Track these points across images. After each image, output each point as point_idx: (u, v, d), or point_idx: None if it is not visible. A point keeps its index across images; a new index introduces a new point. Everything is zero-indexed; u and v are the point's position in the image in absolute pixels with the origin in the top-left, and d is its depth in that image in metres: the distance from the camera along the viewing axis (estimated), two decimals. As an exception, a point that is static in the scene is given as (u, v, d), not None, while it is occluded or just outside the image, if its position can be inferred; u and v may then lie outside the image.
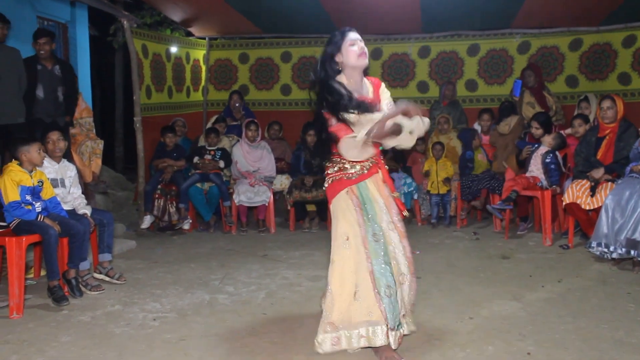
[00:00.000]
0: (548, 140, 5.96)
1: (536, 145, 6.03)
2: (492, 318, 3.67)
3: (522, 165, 6.22)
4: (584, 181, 5.21)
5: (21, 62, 5.71)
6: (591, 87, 7.69)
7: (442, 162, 6.67)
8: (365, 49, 3.14)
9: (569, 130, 5.94)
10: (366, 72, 3.25)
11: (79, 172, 4.91)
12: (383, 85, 3.28)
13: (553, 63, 7.85)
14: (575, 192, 5.20)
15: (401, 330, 3.04)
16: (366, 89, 3.20)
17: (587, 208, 5.13)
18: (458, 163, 6.84)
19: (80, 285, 4.33)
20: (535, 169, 5.97)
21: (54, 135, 4.50)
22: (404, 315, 3.11)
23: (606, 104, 5.25)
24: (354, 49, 3.10)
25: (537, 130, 6.08)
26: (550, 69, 7.84)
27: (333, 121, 3.06)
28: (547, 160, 5.88)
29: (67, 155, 4.90)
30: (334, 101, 3.00)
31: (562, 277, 4.53)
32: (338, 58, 3.13)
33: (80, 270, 4.38)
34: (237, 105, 7.79)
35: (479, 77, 8.16)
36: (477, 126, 7.23)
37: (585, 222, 5.31)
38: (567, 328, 3.47)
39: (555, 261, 5.06)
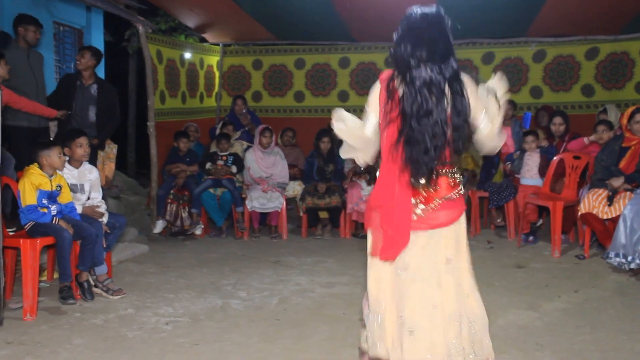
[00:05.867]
0: (532, 145, 6.11)
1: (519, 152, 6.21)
2: (508, 327, 3.61)
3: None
4: (601, 190, 5.13)
5: (43, 66, 5.74)
6: (608, 96, 7.63)
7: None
8: None
9: (592, 137, 5.74)
10: None
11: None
12: None
13: (569, 72, 7.80)
14: (592, 202, 5.12)
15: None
16: None
17: (604, 217, 5.06)
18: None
19: (102, 291, 4.31)
20: (529, 169, 6.09)
21: (84, 140, 4.48)
22: None
23: None
24: None
25: (560, 127, 6.13)
26: (566, 77, 7.79)
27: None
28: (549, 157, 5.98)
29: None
30: None
31: (578, 288, 4.46)
32: None
33: (98, 275, 4.36)
34: (243, 111, 7.79)
35: (494, 86, 8.10)
36: None
37: (601, 232, 5.23)
38: (585, 339, 3.41)
39: (571, 271, 4.99)
